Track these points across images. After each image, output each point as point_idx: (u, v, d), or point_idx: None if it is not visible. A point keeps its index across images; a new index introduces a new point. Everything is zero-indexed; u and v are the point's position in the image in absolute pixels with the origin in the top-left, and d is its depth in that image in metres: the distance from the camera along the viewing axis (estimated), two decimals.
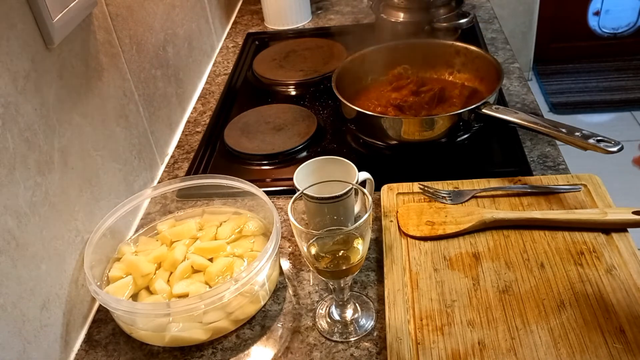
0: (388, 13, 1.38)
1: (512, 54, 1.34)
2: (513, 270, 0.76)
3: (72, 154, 0.79)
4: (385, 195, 0.90)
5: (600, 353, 0.65)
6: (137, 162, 0.99)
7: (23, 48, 0.69)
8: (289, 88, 1.31)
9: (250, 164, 1.07)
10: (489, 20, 1.50)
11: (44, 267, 0.71)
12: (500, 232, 0.82)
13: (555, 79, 3.10)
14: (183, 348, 0.75)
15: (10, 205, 0.65)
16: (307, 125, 1.13)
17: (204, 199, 0.98)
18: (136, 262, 0.81)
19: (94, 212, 0.84)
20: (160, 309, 0.72)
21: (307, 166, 0.87)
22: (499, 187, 0.89)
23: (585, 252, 0.77)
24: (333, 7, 1.68)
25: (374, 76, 1.20)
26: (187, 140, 1.16)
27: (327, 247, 0.68)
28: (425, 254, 0.80)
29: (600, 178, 0.89)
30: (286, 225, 0.91)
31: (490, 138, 1.05)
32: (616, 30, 3.07)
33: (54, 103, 0.75)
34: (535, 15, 2.89)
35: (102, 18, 0.89)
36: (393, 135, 1.01)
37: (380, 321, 0.75)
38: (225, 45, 1.55)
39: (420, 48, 1.20)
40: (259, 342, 0.75)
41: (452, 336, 0.69)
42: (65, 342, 0.75)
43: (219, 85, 1.35)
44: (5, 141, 0.65)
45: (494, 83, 1.05)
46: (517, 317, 0.70)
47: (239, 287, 0.72)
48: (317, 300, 0.79)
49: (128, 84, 0.97)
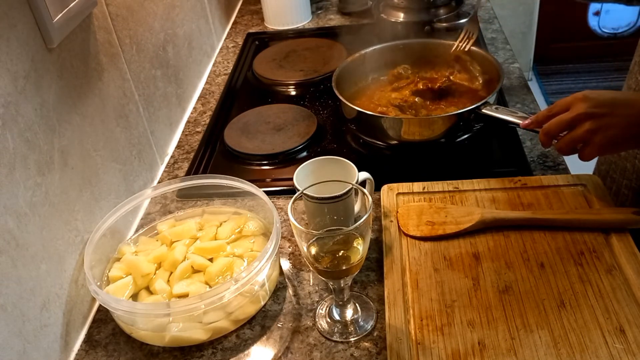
0: (388, 13, 1.38)
1: (512, 54, 1.34)
2: (513, 270, 0.76)
3: (72, 154, 0.79)
4: (385, 195, 0.90)
5: (600, 353, 0.65)
6: (137, 162, 0.99)
7: (23, 48, 0.69)
8: (289, 88, 1.31)
9: (250, 164, 1.07)
10: (489, 20, 1.50)
11: (44, 267, 0.71)
12: (500, 232, 0.82)
13: (555, 79, 3.10)
14: (183, 348, 0.75)
15: (10, 205, 0.65)
16: (307, 125, 1.13)
17: (204, 199, 0.98)
18: (136, 262, 0.81)
19: (94, 212, 0.84)
20: (160, 309, 0.72)
21: (307, 166, 0.87)
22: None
23: (585, 252, 0.77)
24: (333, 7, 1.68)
25: (374, 76, 1.20)
26: (187, 140, 1.16)
27: (327, 247, 0.68)
28: (425, 254, 0.80)
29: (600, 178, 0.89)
30: (286, 225, 0.91)
31: (490, 138, 1.05)
32: (616, 30, 3.07)
33: (54, 103, 0.75)
34: (535, 15, 2.89)
35: (102, 18, 0.89)
36: (393, 135, 1.01)
37: (380, 321, 0.75)
38: (225, 45, 1.55)
39: (420, 48, 1.20)
40: (259, 342, 0.75)
41: (452, 336, 0.69)
42: (65, 342, 0.75)
43: (219, 85, 1.35)
44: (5, 141, 0.65)
45: (494, 83, 1.05)
46: (517, 317, 0.70)
47: (239, 287, 0.72)
48: (317, 300, 0.79)
49: (128, 84, 0.97)
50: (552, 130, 0.79)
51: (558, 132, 0.79)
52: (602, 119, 0.75)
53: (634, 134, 0.75)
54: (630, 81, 1.01)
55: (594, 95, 0.76)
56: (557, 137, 0.80)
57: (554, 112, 0.80)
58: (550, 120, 0.80)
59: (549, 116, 0.80)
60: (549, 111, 0.81)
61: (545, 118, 0.81)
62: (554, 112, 0.80)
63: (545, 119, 0.81)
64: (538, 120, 0.83)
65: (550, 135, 0.80)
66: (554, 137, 0.80)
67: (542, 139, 0.81)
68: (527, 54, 3.03)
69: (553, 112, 0.80)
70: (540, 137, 0.82)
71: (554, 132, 0.79)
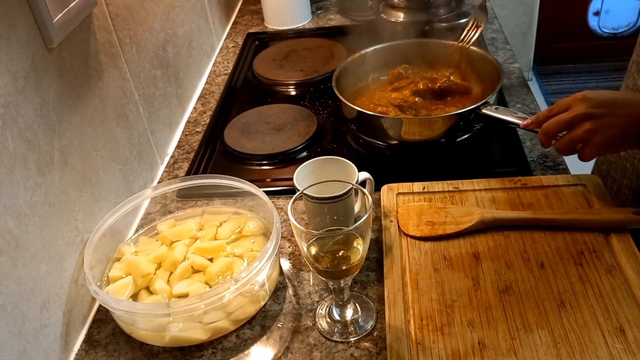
0: (388, 13, 1.38)
1: (512, 54, 1.34)
2: (513, 270, 0.76)
3: (72, 154, 0.79)
4: (385, 195, 0.90)
5: (600, 353, 0.65)
6: (137, 162, 0.99)
7: (23, 48, 0.69)
8: (289, 88, 1.31)
9: (250, 164, 1.07)
10: (489, 20, 1.50)
11: (44, 267, 0.71)
12: (500, 232, 0.82)
13: (555, 79, 3.10)
14: (183, 348, 0.75)
15: (10, 205, 0.65)
16: (307, 125, 1.13)
17: (204, 199, 0.98)
18: (136, 262, 0.81)
19: (94, 212, 0.84)
20: (160, 309, 0.72)
21: (307, 166, 0.87)
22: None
23: (585, 252, 0.77)
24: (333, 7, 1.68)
25: (374, 76, 1.20)
26: (187, 140, 1.16)
27: (327, 247, 0.68)
28: (425, 254, 0.80)
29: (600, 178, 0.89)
30: (286, 225, 0.91)
31: (490, 138, 1.05)
32: (616, 30, 3.07)
33: (54, 103, 0.75)
34: (535, 15, 2.88)
35: (102, 18, 0.89)
36: (393, 135, 1.01)
37: (380, 321, 0.75)
38: (225, 45, 1.54)
39: (420, 48, 1.20)
40: (259, 342, 0.75)
41: (452, 336, 0.69)
42: (65, 342, 0.75)
43: (219, 85, 1.35)
44: (5, 141, 0.65)
45: (494, 83, 1.05)
46: (517, 317, 0.70)
47: (239, 287, 0.72)
48: (317, 300, 0.79)
49: (128, 84, 0.97)
50: (552, 130, 0.79)
51: (557, 132, 0.79)
52: (602, 119, 0.75)
53: (634, 134, 0.75)
54: (628, 81, 1.01)
55: (594, 95, 0.76)
56: (557, 137, 0.80)
57: (554, 113, 0.80)
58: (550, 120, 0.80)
59: (549, 116, 0.80)
60: (549, 111, 0.81)
61: (545, 118, 0.81)
62: (554, 112, 0.80)
63: (545, 119, 0.81)
64: (538, 120, 0.83)
65: (550, 135, 0.80)
66: (553, 137, 0.80)
67: (541, 139, 0.81)
68: (527, 54, 3.03)
69: (553, 113, 0.80)
70: (539, 137, 0.82)
71: (553, 132, 0.79)
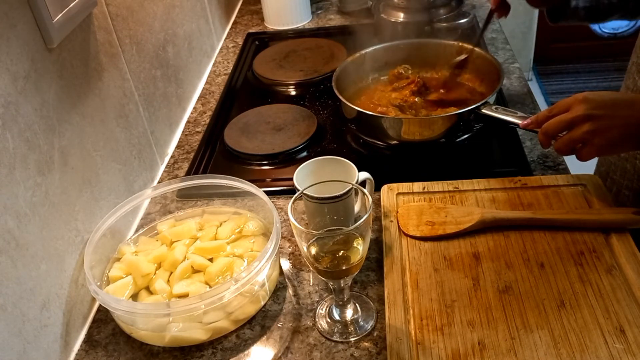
0: (388, 13, 1.38)
1: (512, 54, 1.34)
2: (513, 270, 0.76)
3: (72, 154, 0.79)
4: (385, 195, 0.90)
5: (600, 353, 0.65)
6: (137, 162, 0.99)
7: (23, 48, 0.69)
8: (289, 88, 1.31)
9: (250, 164, 1.07)
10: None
11: (44, 267, 0.71)
12: (500, 232, 0.82)
13: (555, 79, 3.10)
14: (183, 348, 0.75)
15: (10, 205, 0.65)
16: (307, 125, 1.13)
17: (204, 199, 0.98)
18: (136, 262, 0.81)
19: (94, 212, 0.84)
20: (160, 309, 0.72)
21: (307, 166, 0.87)
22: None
23: (585, 252, 0.77)
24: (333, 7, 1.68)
25: (374, 76, 1.20)
26: (187, 140, 1.16)
27: (327, 247, 0.68)
28: (425, 254, 0.80)
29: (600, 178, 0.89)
30: (286, 225, 0.91)
31: (490, 138, 1.05)
32: (616, 30, 3.07)
33: (54, 103, 0.75)
34: (535, 15, 2.88)
35: (102, 18, 0.89)
36: (393, 135, 1.01)
37: (380, 321, 0.75)
38: (225, 45, 1.54)
39: (420, 48, 1.20)
40: (259, 342, 0.75)
41: (452, 336, 0.69)
42: (65, 342, 0.75)
43: (219, 85, 1.35)
44: (5, 141, 0.65)
45: (494, 83, 1.05)
46: (517, 317, 0.70)
47: (239, 287, 0.72)
48: (317, 300, 0.79)
49: (128, 84, 0.97)
50: (551, 130, 0.79)
51: (557, 133, 0.79)
52: (602, 120, 0.75)
53: (633, 135, 0.75)
54: (628, 81, 1.01)
55: (594, 96, 0.76)
56: (556, 138, 0.80)
57: (554, 113, 0.80)
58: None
59: (548, 117, 0.80)
60: (549, 112, 0.81)
61: (545, 118, 0.81)
62: (554, 112, 0.80)
63: (545, 120, 0.81)
64: (538, 120, 0.83)
65: (549, 135, 0.80)
66: (553, 138, 0.80)
67: (541, 139, 0.81)
68: (527, 54, 3.03)
69: (553, 113, 0.80)
70: (539, 137, 0.82)
71: (553, 132, 0.79)
